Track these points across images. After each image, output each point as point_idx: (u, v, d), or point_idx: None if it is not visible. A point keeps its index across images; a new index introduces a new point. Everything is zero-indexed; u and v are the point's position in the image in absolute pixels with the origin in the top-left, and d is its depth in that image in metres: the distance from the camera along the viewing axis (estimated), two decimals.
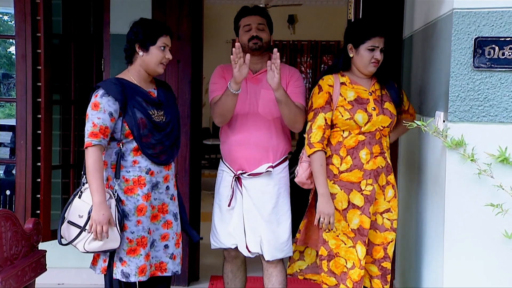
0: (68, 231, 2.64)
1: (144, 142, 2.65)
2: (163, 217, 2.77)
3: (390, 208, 2.75)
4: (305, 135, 2.72)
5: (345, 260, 2.69)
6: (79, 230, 2.59)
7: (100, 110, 2.57)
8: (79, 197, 2.64)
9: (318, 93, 2.71)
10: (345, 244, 2.69)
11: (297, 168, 2.80)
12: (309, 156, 2.69)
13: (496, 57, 2.29)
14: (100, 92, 2.61)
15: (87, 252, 2.62)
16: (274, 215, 2.95)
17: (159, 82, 2.87)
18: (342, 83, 2.71)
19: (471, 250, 2.34)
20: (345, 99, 2.68)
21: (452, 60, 2.32)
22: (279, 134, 2.95)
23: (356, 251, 2.68)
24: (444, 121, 2.41)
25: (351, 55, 2.72)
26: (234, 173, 2.97)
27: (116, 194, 2.64)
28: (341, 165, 2.69)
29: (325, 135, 2.68)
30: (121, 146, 2.65)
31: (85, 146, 2.57)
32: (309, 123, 2.72)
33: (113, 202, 2.60)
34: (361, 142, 2.67)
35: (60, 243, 2.67)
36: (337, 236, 2.69)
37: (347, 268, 2.69)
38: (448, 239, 2.37)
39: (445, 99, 2.39)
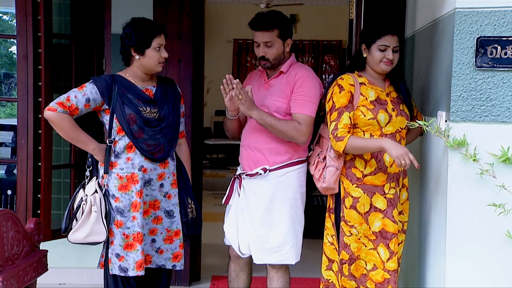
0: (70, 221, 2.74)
1: (137, 138, 2.72)
2: (154, 213, 2.81)
3: (402, 211, 2.75)
4: (330, 136, 2.64)
5: (365, 262, 2.67)
6: (75, 220, 2.71)
7: (81, 91, 2.68)
8: (84, 189, 2.73)
9: (340, 92, 2.65)
10: (365, 246, 2.67)
11: (319, 174, 2.74)
12: (343, 151, 2.58)
13: (498, 57, 2.28)
14: (90, 81, 2.73)
15: (73, 243, 2.72)
16: (267, 219, 2.91)
17: (162, 78, 2.90)
18: (361, 83, 2.69)
19: (474, 250, 2.34)
20: (366, 98, 2.65)
21: (454, 60, 2.32)
22: (282, 139, 2.89)
23: (378, 253, 2.66)
24: (446, 121, 2.40)
25: (364, 55, 2.71)
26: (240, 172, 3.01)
27: (104, 189, 2.72)
28: (365, 168, 2.66)
29: (350, 133, 2.62)
30: (107, 142, 2.72)
31: (47, 109, 2.64)
32: (333, 123, 2.62)
33: (97, 196, 2.68)
34: None
35: (63, 233, 2.76)
36: (359, 239, 2.66)
37: (367, 270, 2.67)
38: (450, 239, 2.36)
39: (447, 98, 2.38)
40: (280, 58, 2.91)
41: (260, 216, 2.91)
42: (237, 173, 3.02)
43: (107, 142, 2.72)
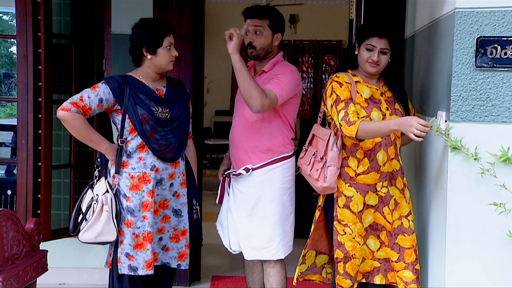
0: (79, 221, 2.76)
1: (149, 138, 2.73)
2: (163, 212, 2.84)
3: (410, 210, 2.75)
4: (342, 122, 2.57)
5: (358, 259, 2.70)
6: (85, 220, 2.72)
7: (94, 92, 2.69)
8: (92, 189, 2.74)
9: (341, 87, 2.66)
10: (359, 244, 2.69)
11: (317, 174, 2.72)
12: (355, 135, 2.52)
13: (498, 57, 2.28)
14: (103, 81, 2.75)
15: (83, 242, 2.73)
16: (253, 217, 2.95)
17: (171, 79, 2.94)
18: (356, 81, 2.71)
19: (474, 250, 2.34)
20: (361, 95, 2.67)
21: (454, 60, 2.32)
22: (265, 136, 2.92)
23: (367, 245, 2.70)
24: (446, 121, 2.40)
25: (356, 53, 2.73)
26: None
27: (115, 189, 2.72)
28: (358, 167, 2.67)
29: (360, 119, 2.56)
30: (119, 142, 2.73)
31: (60, 108, 2.64)
32: (342, 111, 2.57)
33: (108, 196, 2.69)
34: (378, 143, 2.66)
35: (71, 233, 2.77)
36: (353, 238, 2.68)
37: (358, 266, 2.71)
38: (450, 239, 2.36)
39: (447, 98, 2.38)
40: (267, 50, 2.94)
41: (247, 214, 2.96)
42: (226, 172, 3.07)
43: (119, 142, 2.74)
